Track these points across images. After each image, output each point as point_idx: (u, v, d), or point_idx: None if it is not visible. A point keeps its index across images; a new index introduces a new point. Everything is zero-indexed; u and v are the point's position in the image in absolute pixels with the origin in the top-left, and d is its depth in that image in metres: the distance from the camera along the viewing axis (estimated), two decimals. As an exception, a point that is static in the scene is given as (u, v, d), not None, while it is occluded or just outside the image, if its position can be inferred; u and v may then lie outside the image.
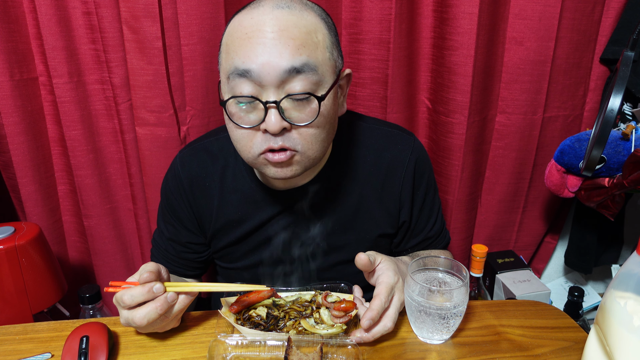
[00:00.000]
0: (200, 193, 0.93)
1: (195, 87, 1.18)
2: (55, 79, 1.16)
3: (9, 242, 1.03)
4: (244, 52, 0.70)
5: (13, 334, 0.80)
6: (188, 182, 0.93)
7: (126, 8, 1.07)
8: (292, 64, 0.69)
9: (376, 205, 0.93)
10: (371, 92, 1.27)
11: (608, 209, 1.14)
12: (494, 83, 1.26)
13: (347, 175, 0.91)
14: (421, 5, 1.20)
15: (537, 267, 1.56)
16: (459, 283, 0.78)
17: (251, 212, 0.92)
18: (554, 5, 1.17)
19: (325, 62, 0.74)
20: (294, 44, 0.69)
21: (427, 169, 0.96)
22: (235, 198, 0.92)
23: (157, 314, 0.71)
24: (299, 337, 0.73)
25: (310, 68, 0.71)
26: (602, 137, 0.92)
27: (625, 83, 0.89)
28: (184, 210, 0.95)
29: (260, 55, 0.69)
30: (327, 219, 0.92)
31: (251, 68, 0.69)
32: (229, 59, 0.72)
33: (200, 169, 0.92)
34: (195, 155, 0.94)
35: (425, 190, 0.96)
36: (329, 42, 0.75)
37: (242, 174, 0.91)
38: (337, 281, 0.88)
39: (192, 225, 0.96)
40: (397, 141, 0.93)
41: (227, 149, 0.92)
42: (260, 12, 0.71)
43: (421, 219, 0.98)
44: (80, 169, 1.25)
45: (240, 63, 0.70)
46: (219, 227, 0.94)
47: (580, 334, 0.79)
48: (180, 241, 0.98)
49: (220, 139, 0.93)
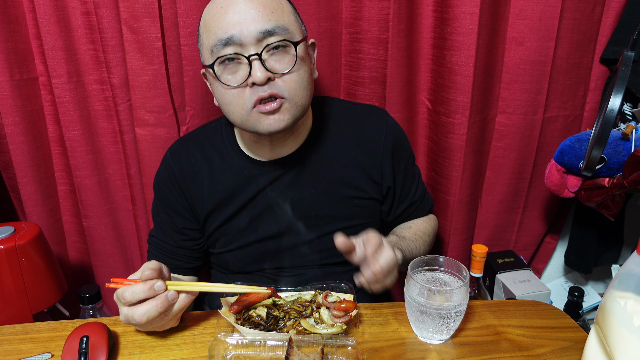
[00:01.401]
0: (191, 178, 0.97)
1: (195, 87, 1.18)
2: (54, 79, 1.16)
3: (9, 242, 1.03)
4: (222, 23, 0.80)
5: (13, 334, 0.80)
6: (179, 169, 0.98)
7: (125, 8, 1.07)
8: (266, 27, 0.80)
9: (360, 172, 0.99)
10: (370, 92, 1.27)
11: (608, 209, 1.14)
12: (495, 83, 1.26)
13: (328, 145, 0.98)
14: (421, 5, 1.20)
15: (537, 267, 1.56)
16: (459, 283, 0.78)
17: (241, 187, 0.96)
18: (554, 5, 1.17)
19: (293, 24, 0.85)
20: (264, 10, 0.80)
21: (405, 140, 1.05)
22: (224, 177, 0.96)
23: (157, 311, 0.71)
24: (299, 337, 0.73)
25: (281, 28, 0.81)
26: (602, 137, 0.92)
27: (625, 83, 0.89)
28: (176, 198, 0.99)
29: (237, 20, 0.79)
30: (315, 188, 0.96)
31: (232, 34, 0.79)
32: (211, 34, 0.81)
33: (189, 156, 0.98)
34: (183, 145, 1.01)
35: (406, 160, 1.05)
36: (293, 10, 0.87)
37: (229, 154, 0.97)
38: (337, 281, 0.88)
39: (185, 212, 1.00)
40: (372, 114, 1.03)
41: (213, 136, 0.99)
42: None
43: (405, 185, 1.06)
44: (79, 169, 1.25)
45: (223, 33, 0.80)
46: (211, 208, 0.97)
47: (580, 334, 0.79)
48: (177, 228, 1.01)
49: (207, 129, 1.02)
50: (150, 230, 1.06)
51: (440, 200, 1.35)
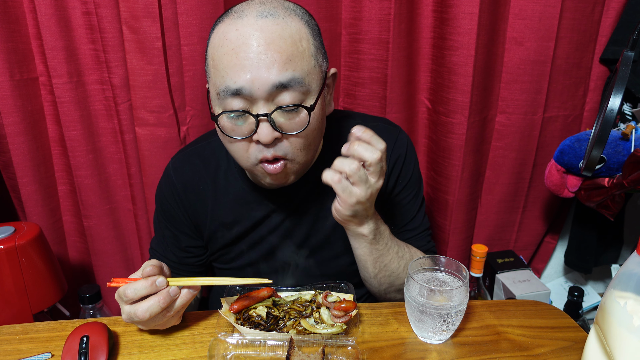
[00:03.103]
0: (195, 197, 0.94)
1: (195, 87, 1.18)
2: (54, 79, 1.16)
3: (9, 242, 1.03)
4: (233, 71, 0.71)
5: (13, 334, 0.80)
6: (182, 187, 0.94)
7: (126, 8, 1.07)
8: (280, 79, 0.71)
9: None
10: (370, 92, 1.27)
11: (608, 209, 1.14)
12: (494, 83, 1.26)
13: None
14: (421, 5, 1.20)
15: (537, 267, 1.56)
16: (459, 283, 0.78)
17: (244, 212, 0.93)
18: (554, 5, 1.17)
19: (311, 71, 0.75)
20: (280, 58, 0.71)
21: (412, 160, 0.96)
22: (227, 200, 0.93)
23: (159, 307, 0.71)
24: (299, 337, 0.73)
25: (297, 82, 0.72)
26: (602, 137, 0.92)
27: (625, 83, 0.89)
28: (180, 216, 0.95)
29: (248, 72, 0.70)
30: (319, 215, 0.93)
31: (242, 86, 0.71)
32: (219, 75, 0.73)
33: (193, 173, 0.94)
34: (187, 160, 0.95)
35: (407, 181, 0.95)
36: (313, 48, 0.76)
37: (234, 176, 0.93)
38: (337, 281, 0.88)
39: (189, 229, 0.97)
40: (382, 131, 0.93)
41: (218, 152, 0.94)
42: (245, 23, 0.72)
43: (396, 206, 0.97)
44: (79, 169, 1.25)
45: (232, 83, 0.71)
46: (213, 230, 0.95)
47: (580, 334, 0.79)
48: (180, 246, 0.98)
49: (211, 142, 0.95)
50: (151, 240, 1.03)
51: (440, 200, 1.35)
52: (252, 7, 0.74)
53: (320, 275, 0.97)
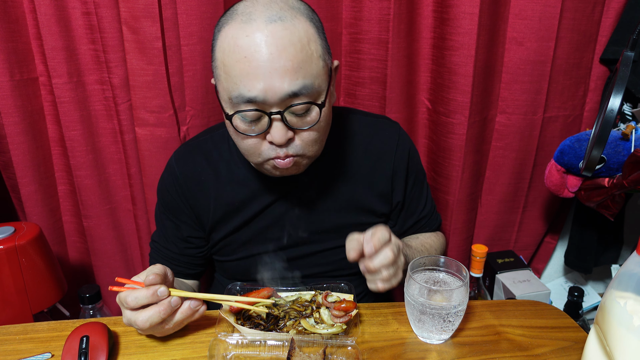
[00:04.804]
0: (196, 187, 0.95)
1: (195, 87, 1.18)
2: (54, 79, 1.16)
3: (9, 242, 1.03)
4: (246, 79, 0.72)
5: (13, 334, 0.80)
6: (184, 177, 0.95)
7: (126, 8, 1.07)
8: (292, 89, 0.72)
9: (369, 188, 0.97)
10: (370, 92, 1.27)
11: (608, 209, 1.14)
12: (494, 83, 1.26)
13: (339, 161, 0.96)
14: (421, 5, 1.20)
15: (537, 267, 1.56)
16: (459, 283, 0.78)
17: (248, 200, 0.94)
18: (554, 6, 1.17)
19: (320, 72, 0.76)
20: (292, 66, 0.72)
21: (415, 154, 1.03)
22: (231, 189, 0.94)
23: (159, 317, 0.72)
24: (300, 338, 0.73)
25: (308, 88, 0.74)
26: (602, 137, 0.92)
27: (625, 83, 0.89)
28: (181, 206, 0.97)
29: (261, 81, 0.72)
30: (322, 204, 0.95)
31: (255, 95, 0.72)
32: (231, 82, 0.74)
33: (195, 164, 0.95)
34: (189, 152, 0.97)
35: (415, 174, 1.02)
36: (320, 49, 0.77)
37: (237, 166, 0.94)
38: (337, 281, 0.88)
39: (190, 220, 0.98)
40: (384, 128, 1.00)
41: (221, 145, 0.96)
42: (255, 29, 0.72)
43: (414, 200, 1.04)
44: (79, 169, 1.25)
45: (246, 91, 0.73)
46: (217, 218, 0.96)
47: (580, 334, 0.79)
48: (182, 236, 0.99)
49: (214, 136, 0.97)
50: (152, 234, 1.04)
51: (440, 200, 1.35)
52: (258, 9, 0.73)
53: (325, 264, 0.98)
